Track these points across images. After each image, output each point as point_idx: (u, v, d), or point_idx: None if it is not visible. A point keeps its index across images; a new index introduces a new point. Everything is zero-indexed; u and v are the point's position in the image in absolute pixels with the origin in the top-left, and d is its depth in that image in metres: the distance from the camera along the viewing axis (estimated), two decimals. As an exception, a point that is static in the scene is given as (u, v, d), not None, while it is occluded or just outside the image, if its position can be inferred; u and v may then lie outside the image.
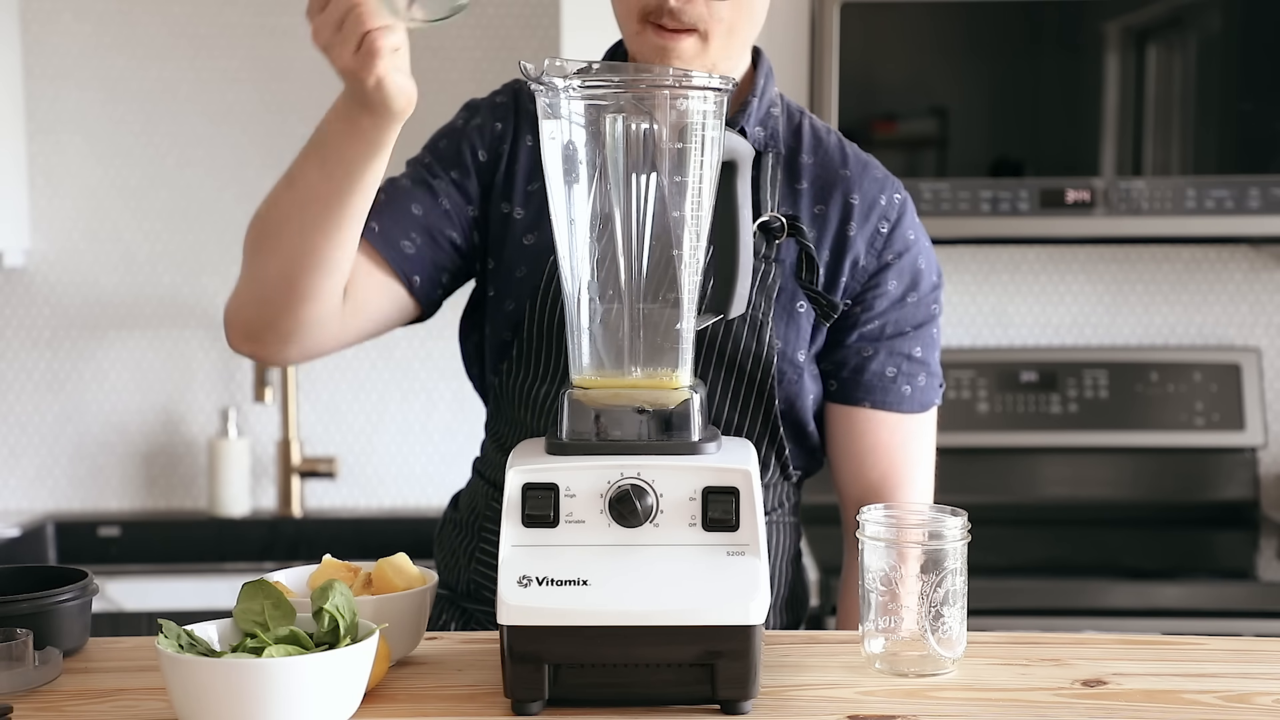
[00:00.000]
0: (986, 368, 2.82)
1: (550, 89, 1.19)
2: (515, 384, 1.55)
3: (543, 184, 1.52)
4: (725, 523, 1.15)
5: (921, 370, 1.59)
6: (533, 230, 1.53)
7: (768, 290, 1.48)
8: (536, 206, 1.52)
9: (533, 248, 1.52)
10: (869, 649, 1.26)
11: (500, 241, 1.55)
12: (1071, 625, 2.25)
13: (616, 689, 1.14)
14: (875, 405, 1.57)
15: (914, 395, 1.59)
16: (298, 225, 1.38)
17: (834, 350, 1.56)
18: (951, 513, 1.27)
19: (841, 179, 1.54)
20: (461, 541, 1.61)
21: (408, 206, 1.52)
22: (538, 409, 1.53)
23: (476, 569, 1.57)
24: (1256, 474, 2.82)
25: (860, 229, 1.52)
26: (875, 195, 1.54)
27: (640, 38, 1.47)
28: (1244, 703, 1.17)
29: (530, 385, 1.54)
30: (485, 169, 1.55)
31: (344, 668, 1.08)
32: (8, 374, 2.88)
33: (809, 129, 1.58)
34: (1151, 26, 2.51)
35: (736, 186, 1.28)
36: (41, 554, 2.76)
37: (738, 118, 1.53)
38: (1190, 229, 2.51)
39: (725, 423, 1.51)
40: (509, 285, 1.54)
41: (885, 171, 1.58)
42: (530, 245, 1.53)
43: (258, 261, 1.45)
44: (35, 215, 2.86)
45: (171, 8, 2.84)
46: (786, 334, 1.51)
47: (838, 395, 1.57)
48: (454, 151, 1.56)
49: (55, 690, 1.22)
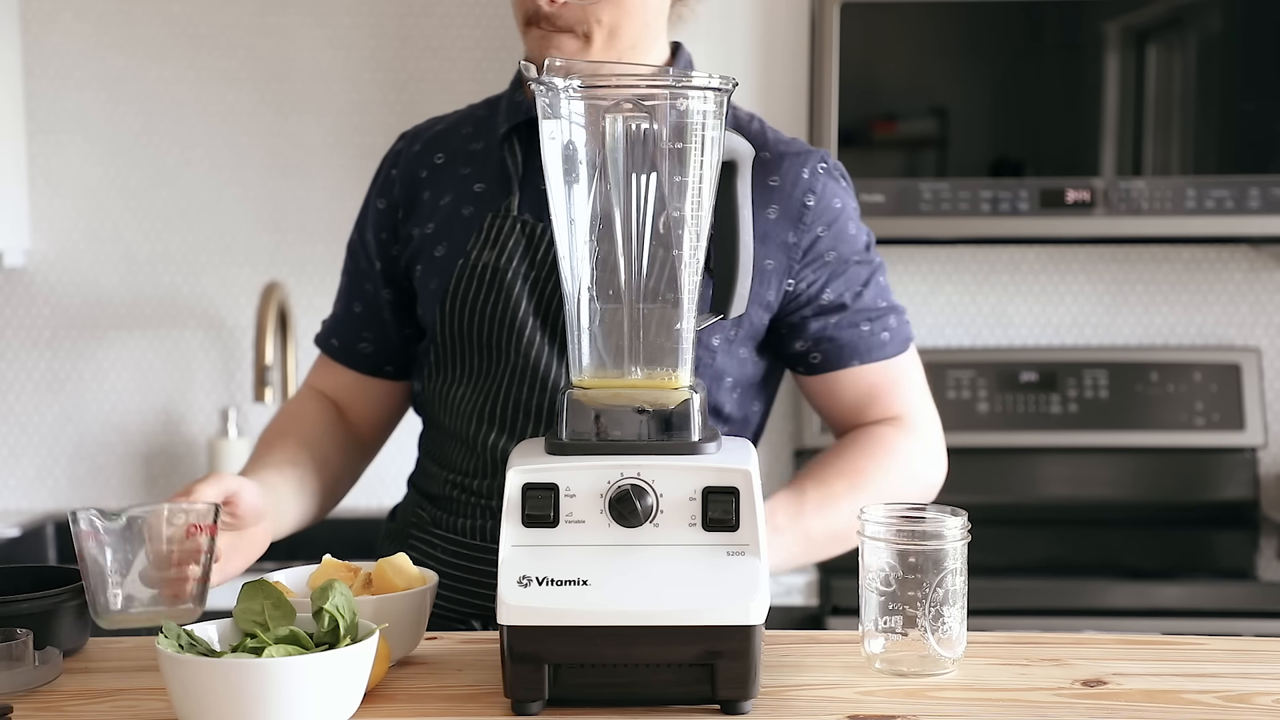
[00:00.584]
0: (986, 368, 2.82)
1: (550, 89, 1.19)
2: (434, 389, 1.61)
3: (455, 197, 1.59)
4: (725, 523, 1.15)
5: (890, 314, 1.64)
6: (443, 241, 1.60)
7: None
8: (445, 220, 1.60)
9: (442, 258, 1.59)
10: (869, 649, 1.26)
11: (414, 262, 1.62)
12: (1071, 625, 2.25)
13: (616, 689, 1.14)
14: (864, 361, 1.61)
15: (893, 339, 1.63)
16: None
17: (803, 330, 1.60)
18: (951, 513, 1.27)
19: (762, 162, 1.56)
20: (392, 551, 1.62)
21: (350, 307, 1.70)
22: (454, 412, 1.59)
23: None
24: (1256, 474, 2.82)
25: (784, 209, 1.56)
26: (797, 173, 1.58)
27: (527, 37, 1.55)
28: (1244, 703, 1.17)
29: (447, 389, 1.60)
30: (386, 215, 1.65)
31: (344, 668, 1.08)
32: (8, 374, 2.88)
33: (731, 117, 1.61)
34: (1151, 26, 2.51)
35: (736, 186, 1.28)
36: (41, 554, 2.76)
37: None
38: (1190, 229, 2.51)
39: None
40: (425, 297, 1.61)
41: (806, 147, 1.62)
42: (440, 256, 1.60)
43: None
44: (35, 215, 2.86)
45: (171, 8, 2.84)
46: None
47: (824, 365, 1.62)
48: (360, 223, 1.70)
49: (55, 690, 1.22)
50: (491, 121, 1.64)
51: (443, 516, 1.60)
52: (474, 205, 1.59)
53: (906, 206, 2.50)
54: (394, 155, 1.68)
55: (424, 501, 1.64)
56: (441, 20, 2.83)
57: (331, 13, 2.82)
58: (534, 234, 1.56)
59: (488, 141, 1.62)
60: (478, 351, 1.56)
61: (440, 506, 1.60)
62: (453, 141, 1.65)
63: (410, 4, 2.83)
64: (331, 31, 2.83)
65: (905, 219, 2.51)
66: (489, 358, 1.56)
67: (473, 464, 1.58)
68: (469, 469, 1.58)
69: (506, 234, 1.56)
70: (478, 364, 1.57)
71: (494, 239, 1.57)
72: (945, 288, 2.91)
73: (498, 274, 1.55)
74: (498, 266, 1.55)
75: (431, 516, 1.61)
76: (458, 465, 1.59)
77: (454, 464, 1.60)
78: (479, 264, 1.56)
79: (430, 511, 1.62)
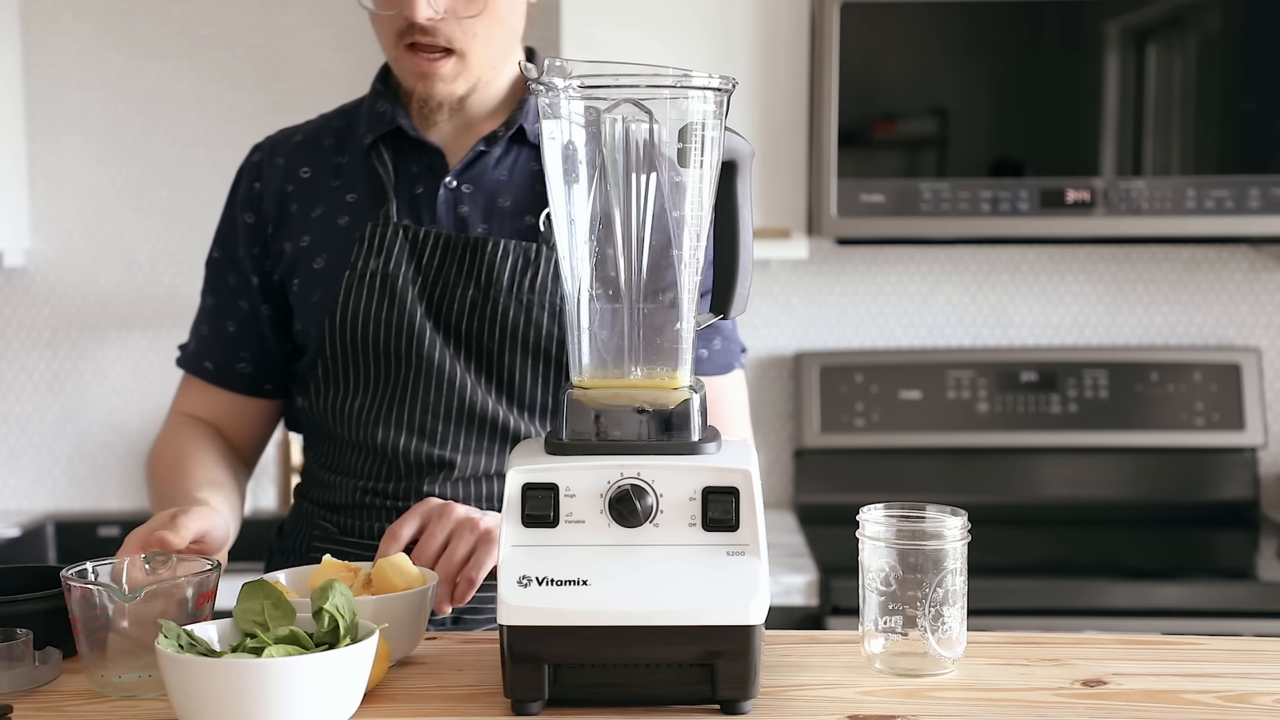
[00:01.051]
0: (986, 368, 2.82)
1: (550, 89, 1.19)
2: (327, 404, 1.60)
3: (328, 209, 1.59)
4: (725, 523, 1.15)
5: (715, 335, 1.64)
6: (321, 253, 1.59)
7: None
8: (321, 232, 1.60)
9: (323, 270, 1.59)
10: (869, 649, 1.26)
11: (291, 275, 1.61)
12: (1071, 625, 2.25)
13: (616, 689, 1.14)
14: None
15: (711, 358, 1.63)
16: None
17: None
18: (951, 513, 1.27)
19: None
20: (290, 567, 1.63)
21: (223, 327, 1.66)
22: (354, 423, 1.58)
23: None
24: (1256, 474, 2.82)
25: None
26: None
27: (399, 63, 1.56)
28: (1244, 703, 1.17)
29: (342, 402, 1.59)
30: (256, 229, 1.64)
31: (344, 668, 1.08)
32: (8, 374, 2.88)
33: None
34: (1151, 26, 2.51)
35: (736, 186, 1.28)
36: (41, 554, 2.76)
37: (516, 115, 1.60)
38: (1190, 229, 2.51)
39: (540, 407, 1.57)
40: (307, 311, 1.60)
41: None
42: (321, 268, 1.59)
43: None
44: (35, 215, 2.86)
45: (171, 8, 2.84)
46: None
47: None
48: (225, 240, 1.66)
49: (55, 690, 1.22)
50: (352, 132, 1.65)
51: (354, 523, 1.59)
52: (349, 215, 1.59)
53: (906, 206, 2.50)
54: (254, 168, 1.66)
55: (325, 513, 1.63)
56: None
57: (331, 13, 2.82)
58: (417, 238, 1.56)
59: (352, 153, 1.63)
60: (374, 360, 1.56)
61: (349, 514, 1.60)
62: (316, 153, 1.64)
63: (410, 4, 2.83)
64: (331, 31, 2.83)
65: (905, 219, 2.51)
66: (387, 365, 1.56)
67: (382, 469, 1.58)
68: (378, 474, 1.58)
69: (390, 241, 1.56)
70: (375, 372, 1.57)
71: (378, 247, 1.56)
72: (945, 288, 2.91)
73: (387, 280, 1.55)
74: (386, 273, 1.55)
75: (340, 525, 1.61)
76: (365, 472, 1.59)
77: (360, 471, 1.59)
78: (366, 272, 1.56)
79: (337, 520, 1.61)
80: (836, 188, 2.50)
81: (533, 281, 1.54)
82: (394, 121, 1.60)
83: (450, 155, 1.61)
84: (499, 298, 1.54)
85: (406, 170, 1.60)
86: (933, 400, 2.81)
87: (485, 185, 1.59)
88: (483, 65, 1.55)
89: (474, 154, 1.59)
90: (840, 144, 2.50)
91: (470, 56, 1.53)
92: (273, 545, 1.73)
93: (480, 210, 1.58)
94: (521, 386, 1.56)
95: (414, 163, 1.61)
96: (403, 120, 1.60)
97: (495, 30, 1.54)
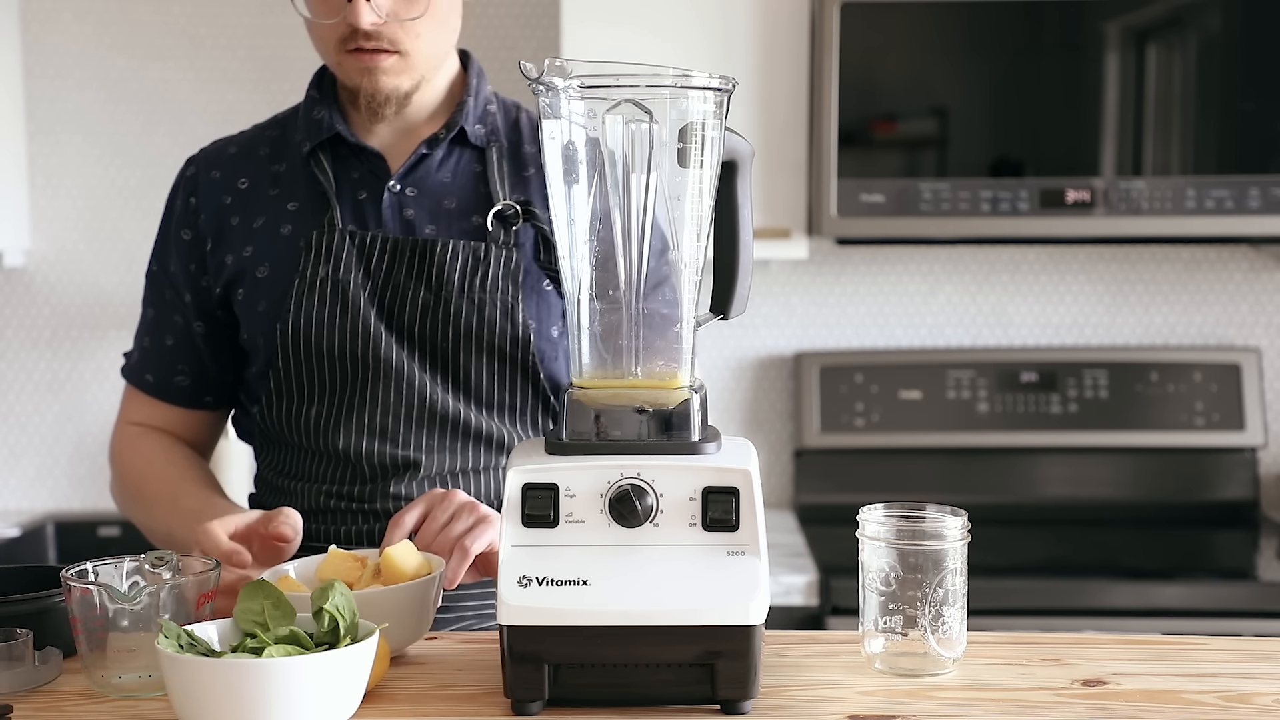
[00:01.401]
0: (986, 368, 2.82)
1: (550, 89, 1.19)
2: (280, 414, 1.60)
3: (269, 219, 1.60)
4: (725, 523, 1.15)
5: None
6: (264, 263, 1.59)
7: (513, 274, 1.56)
8: (264, 242, 1.60)
9: (267, 279, 1.59)
10: (869, 649, 1.26)
11: (235, 285, 1.61)
12: (1071, 625, 2.25)
13: (616, 689, 1.14)
14: None
15: None
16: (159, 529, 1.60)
17: None
18: (951, 513, 1.27)
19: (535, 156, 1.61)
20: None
21: (162, 340, 1.67)
22: (311, 431, 1.59)
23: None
24: (1256, 474, 2.82)
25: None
26: None
27: (342, 66, 1.56)
28: (1244, 703, 1.17)
29: (297, 411, 1.59)
30: (193, 245, 1.64)
31: (344, 668, 1.08)
32: (8, 374, 2.88)
33: (526, 120, 1.66)
34: (1151, 26, 2.51)
35: (736, 186, 1.28)
36: (41, 554, 2.76)
37: (456, 118, 1.61)
38: (1190, 229, 2.51)
39: (499, 404, 1.58)
40: (253, 320, 1.60)
41: None
42: (265, 278, 1.59)
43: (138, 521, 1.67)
44: (35, 215, 2.86)
45: (171, 8, 2.84)
46: (539, 313, 1.58)
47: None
48: (161, 255, 1.67)
49: (55, 690, 1.22)
50: (286, 141, 1.65)
51: (319, 528, 1.59)
52: (292, 224, 1.59)
53: (906, 206, 2.50)
54: (189, 182, 1.66)
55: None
56: (441, 20, 2.83)
57: (331, 13, 2.83)
58: (364, 243, 1.56)
59: (289, 161, 1.63)
60: (328, 366, 1.56)
61: (314, 519, 1.59)
62: (253, 164, 1.64)
63: (410, 4, 2.83)
64: (331, 31, 2.83)
65: (905, 219, 2.51)
66: (342, 370, 1.56)
67: (346, 473, 1.58)
68: (342, 478, 1.58)
69: (338, 247, 1.56)
70: (330, 379, 1.57)
71: (326, 253, 1.56)
72: (945, 288, 2.91)
73: (338, 286, 1.55)
74: (336, 279, 1.55)
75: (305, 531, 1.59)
76: (327, 476, 1.59)
77: (322, 476, 1.59)
78: (316, 280, 1.56)
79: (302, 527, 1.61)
80: (836, 188, 2.50)
81: (484, 280, 1.55)
82: (332, 128, 1.60)
83: (391, 159, 1.62)
84: (450, 298, 1.54)
85: (348, 176, 1.61)
86: (933, 400, 2.81)
87: (429, 188, 1.60)
88: (425, 64, 1.57)
89: (416, 157, 1.60)
90: (840, 144, 2.50)
91: (413, 56, 1.55)
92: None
93: (426, 213, 1.59)
94: (479, 385, 1.57)
95: (354, 168, 1.61)
96: (340, 126, 1.61)
97: (436, 30, 1.56)
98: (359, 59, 1.54)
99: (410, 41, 1.54)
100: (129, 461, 1.67)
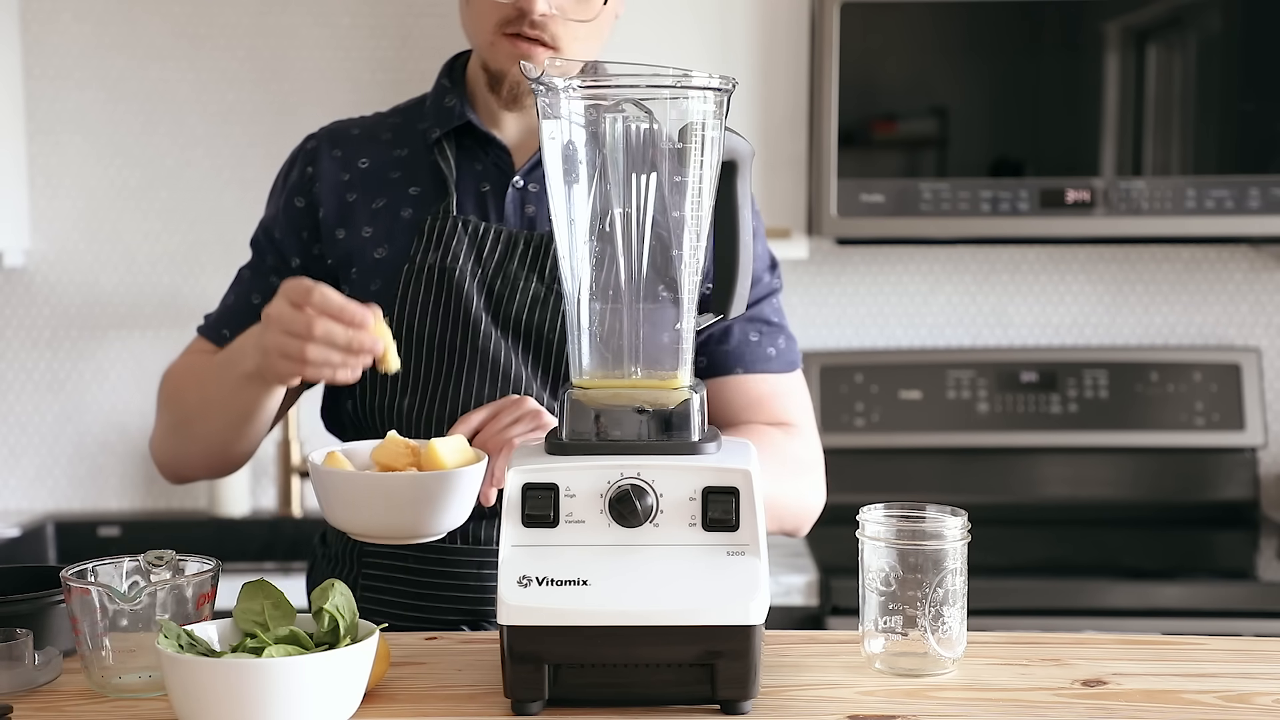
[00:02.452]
0: (986, 368, 2.82)
1: (550, 89, 1.19)
2: (376, 403, 1.59)
3: (390, 201, 1.58)
4: (725, 523, 1.15)
5: (780, 334, 1.64)
6: (382, 245, 1.59)
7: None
8: (384, 224, 1.59)
9: (384, 261, 1.58)
10: (869, 649, 1.26)
11: (348, 264, 1.60)
12: (1071, 625, 2.25)
13: (616, 689, 1.14)
14: (747, 370, 1.61)
15: (779, 355, 1.64)
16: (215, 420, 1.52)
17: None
18: (951, 513, 1.27)
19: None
20: (340, 575, 1.62)
21: (249, 299, 1.63)
22: (401, 422, 1.57)
23: (364, 598, 1.58)
24: (1256, 474, 2.82)
25: None
26: None
27: (495, 48, 1.55)
28: (1244, 703, 1.17)
29: (390, 401, 1.58)
30: (308, 212, 1.62)
31: (344, 668, 1.08)
32: (8, 374, 2.88)
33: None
34: (1151, 26, 2.51)
35: (736, 186, 1.28)
36: (41, 554, 2.76)
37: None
38: (1190, 229, 2.51)
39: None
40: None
41: None
42: (382, 259, 1.58)
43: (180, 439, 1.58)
44: (35, 215, 2.86)
45: (171, 8, 2.84)
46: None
47: (709, 370, 1.61)
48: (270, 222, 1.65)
49: (55, 690, 1.22)
50: (411, 128, 1.65)
51: None
52: (413, 208, 1.59)
53: (906, 206, 2.51)
54: (309, 154, 1.65)
55: None
56: (441, 20, 2.83)
57: (331, 13, 2.83)
58: (477, 233, 1.56)
59: (413, 148, 1.63)
60: (428, 354, 1.56)
61: None
62: (375, 146, 1.64)
63: (410, 4, 2.83)
64: (331, 31, 2.83)
65: (905, 219, 2.51)
66: (440, 359, 1.55)
67: None
68: None
69: (449, 234, 1.56)
70: (428, 367, 1.56)
71: (437, 240, 1.56)
72: (945, 288, 2.91)
73: (445, 274, 1.55)
74: (444, 267, 1.55)
75: None
76: None
77: None
78: (424, 266, 1.56)
79: None
80: (836, 188, 2.50)
81: None
82: (463, 116, 1.60)
83: (516, 155, 1.61)
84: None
85: (471, 167, 1.60)
86: (933, 400, 2.81)
87: None
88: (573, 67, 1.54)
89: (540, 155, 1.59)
90: (840, 144, 2.50)
91: (565, 55, 1.53)
92: (316, 553, 1.70)
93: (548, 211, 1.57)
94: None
95: (479, 159, 1.61)
96: (471, 115, 1.60)
97: (592, 39, 1.55)
98: (516, 44, 1.52)
99: (568, 41, 1.53)
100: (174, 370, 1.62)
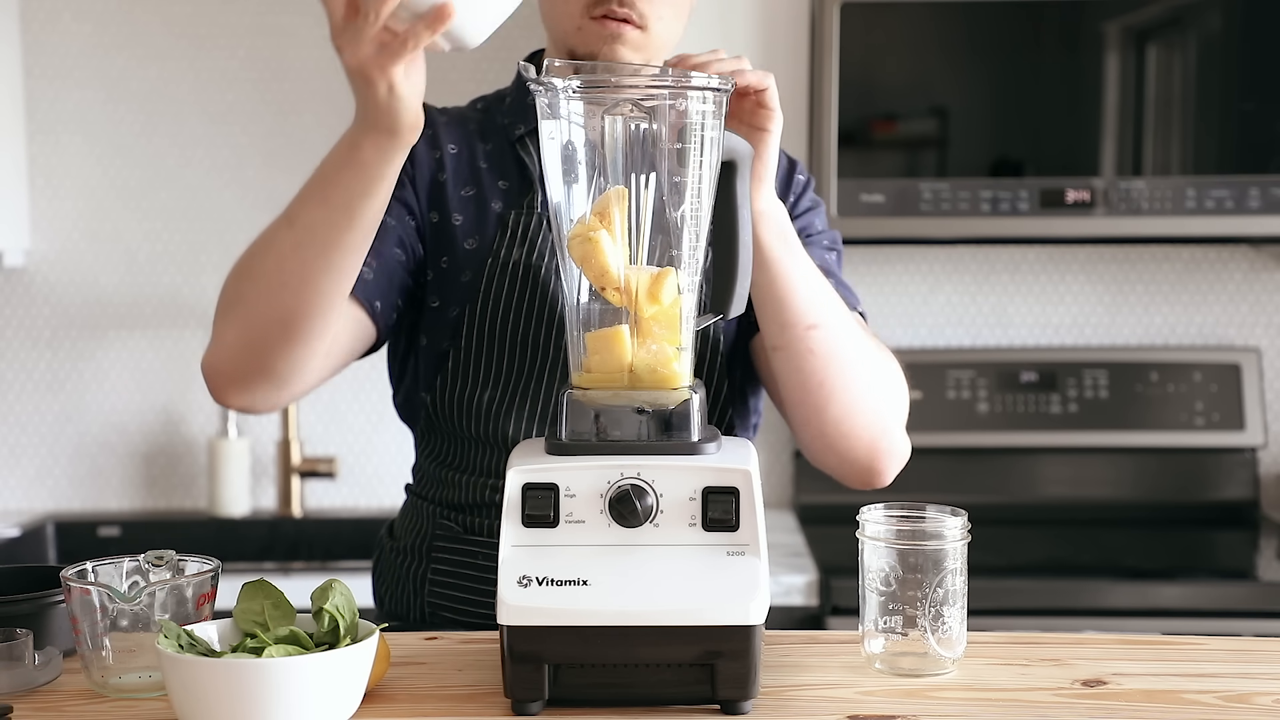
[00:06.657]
0: (986, 368, 2.82)
1: (550, 89, 1.19)
2: (453, 396, 1.58)
3: (480, 191, 1.57)
4: (725, 523, 1.15)
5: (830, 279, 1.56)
6: (473, 235, 1.57)
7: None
8: (474, 214, 1.57)
9: (475, 252, 1.57)
10: (869, 649, 1.26)
11: (439, 249, 1.58)
12: (1071, 625, 2.25)
13: (616, 689, 1.14)
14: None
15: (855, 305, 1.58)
16: (297, 265, 1.34)
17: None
18: (951, 513, 1.27)
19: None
20: (408, 568, 1.61)
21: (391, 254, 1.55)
22: (479, 417, 1.56)
23: (433, 591, 1.57)
24: (1256, 474, 2.82)
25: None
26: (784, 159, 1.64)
27: (584, 31, 1.52)
28: (1244, 703, 1.17)
29: (470, 394, 1.57)
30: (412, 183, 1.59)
31: (344, 668, 1.08)
32: (8, 374, 2.88)
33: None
34: (1151, 26, 2.51)
35: (736, 186, 1.28)
36: (41, 554, 2.76)
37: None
38: (1190, 229, 2.51)
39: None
40: (453, 291, 1.57)
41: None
42: (473, 250, 1.57)
43: (251, 305, 1.41)
44: (35, 215, 2.86)
45: (171, 8, 2.84)
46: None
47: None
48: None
49: (55, 690, 1.22)
50: (493, 122, 1.64)
51: (481, 522, 1.56)
52: (502, 202, 1.58)
53: (906, 206, 2.50)
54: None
55: (448, 512, 1.59)
56: (441, 20, 2.82)
57: (331, 13, 2.82)
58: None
59: (496, 142, 1.62)
60: (510, 350, 1.54)
61: (476, 513, 1.56)
62: (462, 133, 1.63)
63: (410, 4, 2.83)
64: (331, 31, 2.83)
65: (905, 219, 2.51)
66: (523, 355, 1.54)
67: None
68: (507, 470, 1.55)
69: (534, 231, 1.56)
70: (509, 363, 1.55)
71: (521, 236, 1.56)
72: (945, 288, 2.91)
73: (530, 271, 1.54)
74: (529, 264, 1.55)
75: (465, 524, 1.57)
76: (492, 470, 1.56)
77: (487, 469, 1.56)
78: (509, 262, 1.55)
79: (462, 520, 1.58)
80: (836, 188, 2.50)
81: None
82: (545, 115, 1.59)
83: None
84: None
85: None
86: (933, 400, 2.81)
87: None
88: (659, 48, 1.53)
89: None
90: (840, 144, 2.50)
91: (652, 35, 1.51)
92: (383, 545, 1.68)
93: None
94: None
95: None
96: None
97: (675, 19, 1.53)
98: (604, 25, 1.50)
99: (655, 21, 1.51)
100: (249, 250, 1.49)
